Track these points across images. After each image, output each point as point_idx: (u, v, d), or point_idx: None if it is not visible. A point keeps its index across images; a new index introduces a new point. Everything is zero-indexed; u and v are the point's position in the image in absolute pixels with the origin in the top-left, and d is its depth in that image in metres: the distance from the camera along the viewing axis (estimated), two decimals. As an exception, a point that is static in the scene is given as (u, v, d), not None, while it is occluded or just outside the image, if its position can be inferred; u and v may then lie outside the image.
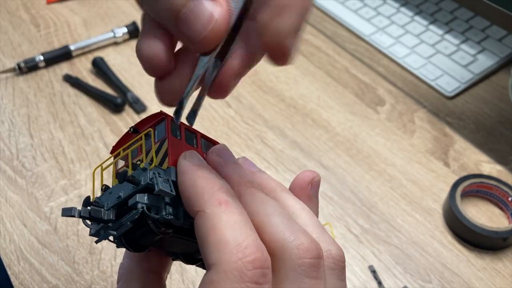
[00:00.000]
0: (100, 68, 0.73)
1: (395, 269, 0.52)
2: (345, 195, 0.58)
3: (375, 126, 0.66)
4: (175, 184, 0.27)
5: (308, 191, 0.32)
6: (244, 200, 0.27)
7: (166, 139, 0.29)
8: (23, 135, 0.65)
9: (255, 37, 0.26)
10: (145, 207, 0.25)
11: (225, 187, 0.26)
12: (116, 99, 0.68)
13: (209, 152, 0.30)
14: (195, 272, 0.52)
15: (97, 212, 0.26)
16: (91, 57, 0.75)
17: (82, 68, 0.74)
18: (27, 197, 0.58)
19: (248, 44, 0.26)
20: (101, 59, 0.73)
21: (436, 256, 0.53)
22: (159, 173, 0.26)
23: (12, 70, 0.73)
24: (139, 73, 0.73)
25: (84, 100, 0.70)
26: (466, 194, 0.57)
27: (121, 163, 0.31)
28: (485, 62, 0.72)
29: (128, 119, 0.67)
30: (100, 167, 0.30)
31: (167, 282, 0.51)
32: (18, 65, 0.72)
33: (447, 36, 0.76)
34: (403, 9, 0.81)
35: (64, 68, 0.74)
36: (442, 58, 0.73)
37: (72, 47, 0.75)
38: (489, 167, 0.61)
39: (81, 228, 0.56)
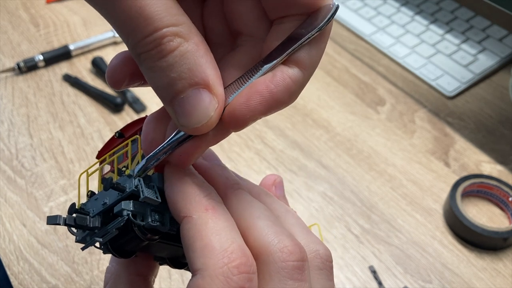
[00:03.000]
0: (100, 67, 0.72)
1: (395, 269, 0.52)
2: (345, 195, 0.58)
3: (376, 126, 0.66)
4: (161, 190, 0.26)
5: (274, 192, 0.33)
6: (230, 202, 0.27)
7: (138, 146, 0.28)
8: (22, 135, 0.65)
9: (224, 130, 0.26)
10: (130, 214, 0.25)
11: (212, 193, 0.26)
12: (115, 99, 0.68)
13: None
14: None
15: (82, 219, 0.26)
16: (90, 56, 0.75)
17: (81, 68, 0.74)
18: (26, 197, 0.58)
19: (217, 133, 0.26)
20: (101, 59, 0.73)
21: (437, 256, 0.53)
22: (144, 180, 0.26)
23: (11, 69, 0.72)
24: (139, 72, 0.73)
25: (83, 100, 0.70)
26: (466, 194, 0.57)
27: (107, 168, 0.31)
28: (485, 62, 0.72)
29: (128, 119, 0.67)
30: (86, 173, 0.30)
31: (167, 282, 0.51)
32: (18, 64, 0.72)
33: (448, 36, 0.76)
34: (403, 8, 0.81)
35: (63, 67, 0.74)
36: (443, 58, 0.73)
37: (71, 47, 0.75)
38: (490, 167, 0.61)
39: (81, 228, 0.55)
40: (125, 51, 0.27)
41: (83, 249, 0.27)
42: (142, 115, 0.67)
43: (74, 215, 0.26)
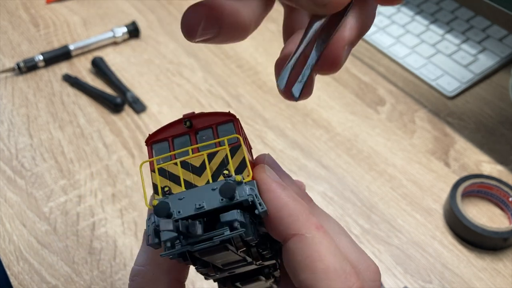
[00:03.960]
0: (100, 68, 0.72)
1: (395, 270, 0.52)
2: (345, 195, 0.58)
3: (376, 126, 0.66)
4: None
5: None
6: None
7: (240, 146, 0.26)
8: (22, 135, 0.65)
9: (368, 5, 0.25)
10: (242, 227, 0.23)
11: (311, 210, 0.25)
12: (115, 99, 0.68)
13: (261, 165, 0.28)
14: (195, 273, 0.52)
15: (194, 226, 0.23)
16: (90, 57, 0.75)
17: (81, 68, 0.74)
18: (26, 197, 0.58)
19: (361, 12, 0.24)
20: (101, 59, 0.73)
21: (437, 256, 0.53)
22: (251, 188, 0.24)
23: (11, 70, 0.72)
24: (139, 73, 0.73)
25: (83, 100, 0.70)
26: (466, 194, 0.57)
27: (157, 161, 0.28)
28: (485, 62, 0.72)
29: (128, 119, 0.67)
30: (154, 164, 0.26)
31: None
32: (18, 64, 0.72)
33: (448, 36, 0.76)
34: (403, 9, 0.81)
35: (63, 68, 0.74)
36: (443, 58, 0.73)
37: (71, 47, 0.75)
38: (490, 167, 0.61)
39: (81, 229, 0.55)
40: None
41: (164, 255, 0.24)
42: (142, 115, 0.67)
43: (178, 220, 0.23)
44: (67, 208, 0.57)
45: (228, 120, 0.27)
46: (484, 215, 0.57)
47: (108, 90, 0.71)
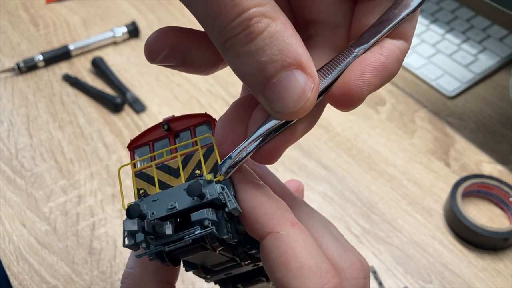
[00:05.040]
0: (100, 68, 0.72)
1: (395, 270, 0.52)
2: (345, 195, 0.58)
3: (376, 126, 0.66)
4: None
5: None
6: (294, 214, 0.26)
7: (214, 147, 0.26)
8: (22, 135, 0.65)
9: (320, 114, 0.26)
10: (211, 225, 0.23)
11: (288, 208, 0.25)
12: (115, 99, 0.67)
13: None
14: (195, 273, 0.52)
15: (161, 226, 0.23)
16: (90, 56, 0.75)
17: (81, 68, 0.74)
18: (26, 197, 0.58)
19: (312, 118, 0.25)
20: (101, 59, 0.73)
21: (437, 256, 0.53)
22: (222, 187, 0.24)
23: (11, 69, 0.72)
24: (139, 73, 0.73)
25: (83, 100, 0.69)
26: (467, 195, 0.57)
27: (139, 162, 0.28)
28: (486, 61, 0.72)
29: (128, 119, 0.67)
30: (130, 168, 0.27)
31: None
32: (18, 64, 0.72)
33: (448, 36, 0.76)
34: (403, 8, 0.81)
35: (63, 68, 0.74)
36: (443, 58, 0.73)
37: (71, 47, 0.75)
38: (490, 167, 0.61)
39: (81, 229, 0.55)
40: (166, 26, 0.25)
41: (138, 256, 0.24)
42: (142, 115, 0.67)
43: (145, 221, 0.23)
44: (67, 208, 0.57)
45: (204, 121, 0.28)
46: (484, 215, 0.57)
47: (108, 90, 0.70)
